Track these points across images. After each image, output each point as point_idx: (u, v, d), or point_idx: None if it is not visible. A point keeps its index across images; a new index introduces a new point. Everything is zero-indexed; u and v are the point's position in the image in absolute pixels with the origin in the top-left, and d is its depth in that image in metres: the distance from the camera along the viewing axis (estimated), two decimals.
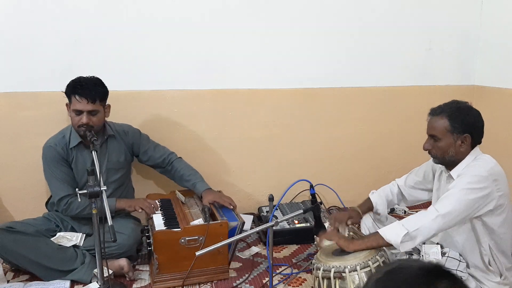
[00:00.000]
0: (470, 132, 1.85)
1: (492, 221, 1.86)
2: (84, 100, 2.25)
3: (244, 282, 2.28)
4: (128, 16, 2.70)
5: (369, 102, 3.19)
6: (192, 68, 2.85)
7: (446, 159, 1.90)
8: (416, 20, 3.14)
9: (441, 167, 2.04)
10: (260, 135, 3.05)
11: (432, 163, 2.14)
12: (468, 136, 1.85)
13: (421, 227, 1.77)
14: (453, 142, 1.86)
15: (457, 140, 1.85)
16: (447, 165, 1.95)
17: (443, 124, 1.86)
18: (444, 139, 1.87)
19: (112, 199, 2.34)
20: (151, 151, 2.61)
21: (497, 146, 1.89)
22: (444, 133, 1.86)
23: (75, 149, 2.37)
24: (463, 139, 1.85)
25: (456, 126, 1.84)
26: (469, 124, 1.85)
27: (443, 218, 1.76)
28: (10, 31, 2.56)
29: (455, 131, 1.84)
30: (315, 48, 3.02)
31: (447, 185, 1.96)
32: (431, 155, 1.95)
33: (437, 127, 1.88)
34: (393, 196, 2.25)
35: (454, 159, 1.89)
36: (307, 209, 2.05)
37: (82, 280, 2.24)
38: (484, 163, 1.85)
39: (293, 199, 3.05)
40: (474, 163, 1.86)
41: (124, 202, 2.41)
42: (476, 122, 1.88)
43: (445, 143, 1.87)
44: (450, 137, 1.85)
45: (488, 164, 1.85)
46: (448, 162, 1.91)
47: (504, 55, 3.06)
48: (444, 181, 2.03)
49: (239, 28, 2.87)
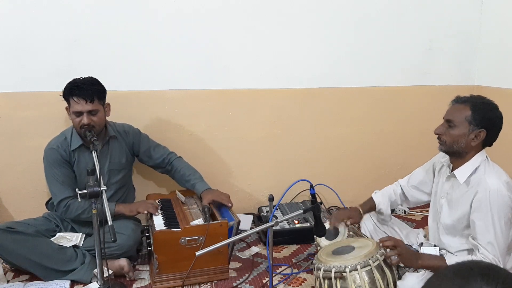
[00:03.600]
0: (487, 129, 1.81)
1: None
2: (83, 101, 2.25)
3: (244, 282, 2.28)
4: (128, 16, 2.69)
5: (369, 102, 3.19)
6: (192, 68, 2.85)
7: (454, 148, 1.86)
8: (416, 20, 3.14)
9: (443, 161, 2.01)
10: (260, 135, 3.05)
11: (434, 161, 2.13)
12: (484, 131, 1.81)
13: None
14: (467, 133, 1.82)
15: (472, 132, 1.81)
16: (452, 155, 1.91)
17: (464, 112, 1.83)
18: (459, 127, 1.83)
19: (111, 204, 2.33)
20: (151, 151, 2.61)
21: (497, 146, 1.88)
22: (462, 121, 1.82)
23: (77, 151, 2.37)
24: (477, 134, 1.81)
25: (476, 118, 1.81)
26: (489, 120, 1.82)
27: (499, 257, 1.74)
28: (10, 31, 2.56)
29: (473, 123, 1.81)
30: (315, 48, 3.02)
31: (447, 182, 1.95)
32: (439, 141, 1.91)
33: (457, 114, 1.84)
34: (396, 197, 2.23)
35: (462, 151, 1.85)
36: (307, 209, 2.05)
37: (82, 280, 2.24)
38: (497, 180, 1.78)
39: (293, 199, 3.06)
40: (489, 176, 1.80)
41: (123, 207, 2.40)
42: (496, 121, 1.85)
43: (459, 131, 1.83)
44: (466, 128, 1.82)
45: (502, 178, 1.80)
46: (455, 152, 1.87)
47: (504, 55, 3.06)
48: (444, 176, 2.00)
49: (239, 28, 2.87)
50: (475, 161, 1.85)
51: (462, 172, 1.87)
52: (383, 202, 2.19)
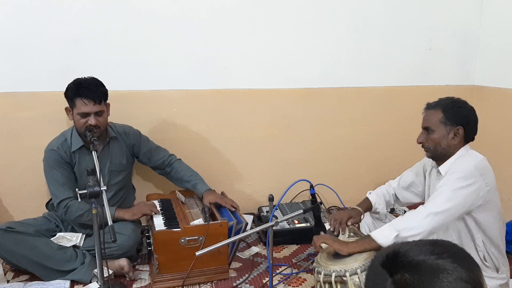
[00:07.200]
0: (463, 125, 1.88)
1: (483, 217, 1.88)
2: (91, 102, 2.24)
3: (244, 282, 2.28)
4: (128, 16, 2.69)
5: (369, 102, 3.19)
6: (192, 68, 2.85)
7: (439, 151, 1.92)
8: (416, 20, 3.14)
9: (432, 163, 2.07)
10: (260, 135, 3.05)
11: (424, 163, 2.18)
12: (461, 128, 1.88)
13: (412, 227, 1.77)
14: (446, 134, 1.89)
15: (450, 132, 1.88)
16: (438, 159, 1.97)
17: (437, 116, 1.90)
18: (437, 131, 1.90)
19: (111, 209, 2.31)
20: (151, 153, 2.61)
21: (497, 146, 1.89)
22: (438, 125, 1.90)
23: (77, 153, 2.36)
24: (456, 132, 1.88)
25: (450, 118, 1.88)
26: (462, 116, 1.89)
27: (434, 217, 1.76)
28: (10, 31, 2.56)
29: (448, 123, 1.88)
30: (315, 48, 3.02)
31: (437, 182, 1.99)
32: (424, 148, 1.98)
33: (431, 119, 1.92)
34: (390, 197, 2.27)
35: (446, 152, 1.91)
36: (307, 209, 2.05)
37: (82, 280, 2.24)
38: (470, 158, 1.88)
39: (293, 199, 3.06)
40: (461, 159, 1.88)
41: (123, 212, 2.37)
42: (470, 116, 1.91)
43: (438, 134, 1.90)
44: (443, 129, 1.89)
45: (474, 158, 1.87)
46: (440, 155, 1.94)
47: (504, 55, 3.06)
48: (434, 178, 2.06)
49: (239, 28, 2.87)
50: (457, 155, 1.91)
51: (444, 166, 1.94)
52: (380, 201, 2.23)
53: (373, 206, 2.21)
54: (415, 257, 0.79)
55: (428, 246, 0.82)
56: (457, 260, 0.78)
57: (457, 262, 0.78)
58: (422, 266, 0.78)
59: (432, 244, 0.83)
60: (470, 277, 0.76)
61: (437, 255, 0.79)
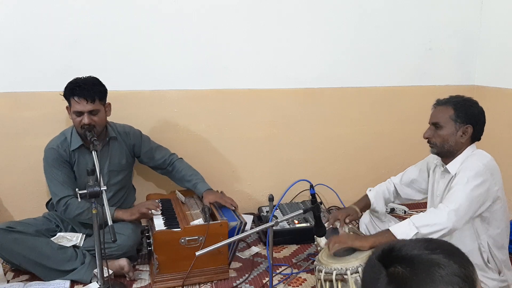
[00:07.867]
0: (472, 124, 1.88)
1: (490, 216, 1.88)
2: (83, 101, 2.24)
3: (244, 282, 2.28)
4: (128, 16, 2.69)
5: (369, 102, 3.19)
6: (192, 68, 2.85)
7: (445, 148, 1.92)
8: (416, 19, 3.14)
9: (436, 161, 2.06)
10: (260, 135, 3.05)
11: (428, 161, 2.17)
12: (470, 127, 1.88)
13: (433, 223, 1.74)
14: (454, 132, 1.89)
15: (459, 130, 1.88)
16: (444, 155, 1.97)
17: (447, 112, 1.90)
18: (446, 127, 1.90)
19: (111, 209, 2.31)
20: (152, 152, 2.61)
21: (497, 146, 1.89)
22: (447, 121, 1.89)
23: (77, 152, 2.36)
24: (464, 130, 1.88)
25: (460, 115, 1.88)
26: (472, 116, 1.89)
27: (456, 214, 1.73)
28: (10, 31, 2.56)
29: (458, 120, 1.88)
30: (315, 48, 3.02)
31: (441, 179, 1.98)
32: (430, 144, 1.97)
33: (441, 115, 1.91)
34: (390, 194, 2.27)
35: (453, 149, 1.91)
36: (307, 209, 2.05)
37: (82, 280, 2.24)
38: (480, 156, 1.88)
39: (293, 199, 3.06)
40: (471, 158, 1.88)
41: (122, 212, 2.37)
42: (480, 116, 1.91)
43: (446, 131, 1.89)
44: (453, 126, 1.89)
45: (484, 158, 1.88)
46: (446, 152, 1.93)
47: (504, 55, 3.06)
48: (438, 175, 2.05)
49: (239, 28, 2.87)
50: (465, 154, 1.91)
51: (453, 164, 1.93)
52: (378, 200, 2.23)
53: (372, 204, 2.22)
54: (409, 251, 0.83)
55: (422, 242, 0.86)
56: (450, 256, 0.82)
57: (450, 258, 0.81)
58: (415, 260, 0.82)
59: (426, 240, 0.87)
60: (463, 273, 0.79)
61: (430, 250, 0.83)
